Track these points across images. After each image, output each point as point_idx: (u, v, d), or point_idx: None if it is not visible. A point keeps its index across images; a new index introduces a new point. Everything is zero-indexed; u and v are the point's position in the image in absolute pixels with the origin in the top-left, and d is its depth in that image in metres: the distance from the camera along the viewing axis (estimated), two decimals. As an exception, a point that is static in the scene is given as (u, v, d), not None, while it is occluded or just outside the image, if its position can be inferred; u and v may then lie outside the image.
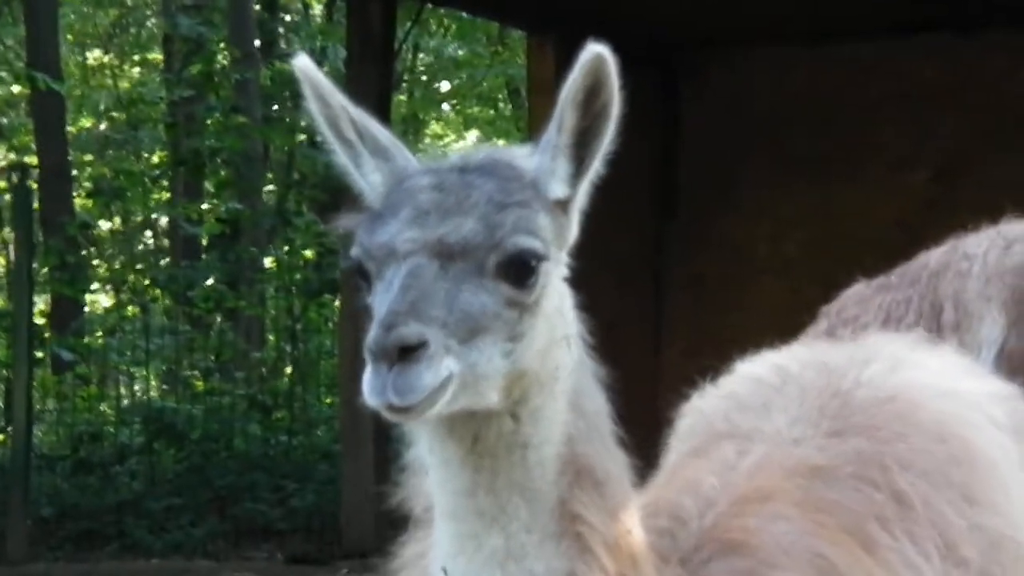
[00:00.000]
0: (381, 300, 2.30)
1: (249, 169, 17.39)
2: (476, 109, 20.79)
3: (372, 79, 11.53)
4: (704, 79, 11.24)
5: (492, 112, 20.93)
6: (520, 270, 2.33)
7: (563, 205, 2.45)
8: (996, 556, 2.83)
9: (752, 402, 3.04)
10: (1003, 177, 9.82)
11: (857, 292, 5.52)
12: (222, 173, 17.68)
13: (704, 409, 3.14)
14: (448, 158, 2.47)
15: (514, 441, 2.37)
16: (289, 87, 17.97)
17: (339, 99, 2.47)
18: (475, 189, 2.36)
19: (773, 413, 2.97)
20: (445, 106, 21.22)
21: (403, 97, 19.47)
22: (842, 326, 5.05)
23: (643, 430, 2.73)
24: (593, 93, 2.41)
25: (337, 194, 15.79)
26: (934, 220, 5.85)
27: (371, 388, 2.24)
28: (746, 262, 11.07)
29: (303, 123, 17.81)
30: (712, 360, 3.31)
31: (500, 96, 20.77)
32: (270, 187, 18.58)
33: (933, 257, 5.35)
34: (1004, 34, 10.51)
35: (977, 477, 2.93)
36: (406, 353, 2.21)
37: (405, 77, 19.46)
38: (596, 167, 2.47)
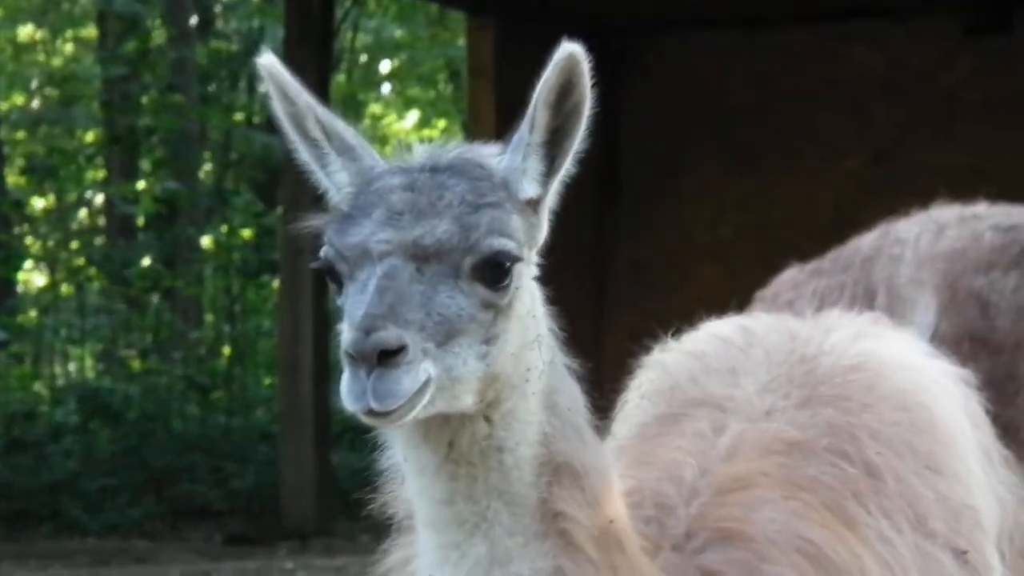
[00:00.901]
0: (355, 302, 2.24)
1: (185, 149, 17.23)
2: (416, 90, 20.72)
3: (311, 59, 11.47)
4: (644, 65, 11.30)
5: (432, 93, 20.87)
6: (495, 272, 2.30)
7: (533, 205, 2.43)
8: (958, 526, 2.88)
9: (719, 364, 3.03)
10: (937, 162, 10.00)
11: (791, 277, 5.57)
12: (158, 152, 17.50)
13: (668, 365, 3.12)
14: (416, 157, 2.42)
15: (489, 445, 2.34)
16: (226, 66, 17.83)
17: (305, 98, 2.43)
18: (447, 190, 2.33)
19: (741, 379, 2.96)
20: (385, 87, 21.14)
21: (342, 77, 19.37)
22: (777, 311, 5.09)
23: (586, 408, 2.73)
24: (565, 92, 2.38)
25: (275, 174, 15.72)
26: (870, 204, 5.94)
27: (350, 393, 2.19)
28: (686, 246, 11.17)
29: (240, 103, 17.68)
30: (652, 343, 3.32)
31: (440, 77, 20.73)
32: (207, 167, 18.41)
33: (865, 242, 5.40)
34: (936, 21, 10.67)
35: (939, 446, 2.97)
36: (385, 357, 2.17)
37: (344, 57, 19.36)
38: (567, 166, 2.44)
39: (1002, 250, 5.08)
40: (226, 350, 15.77)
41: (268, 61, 2.43)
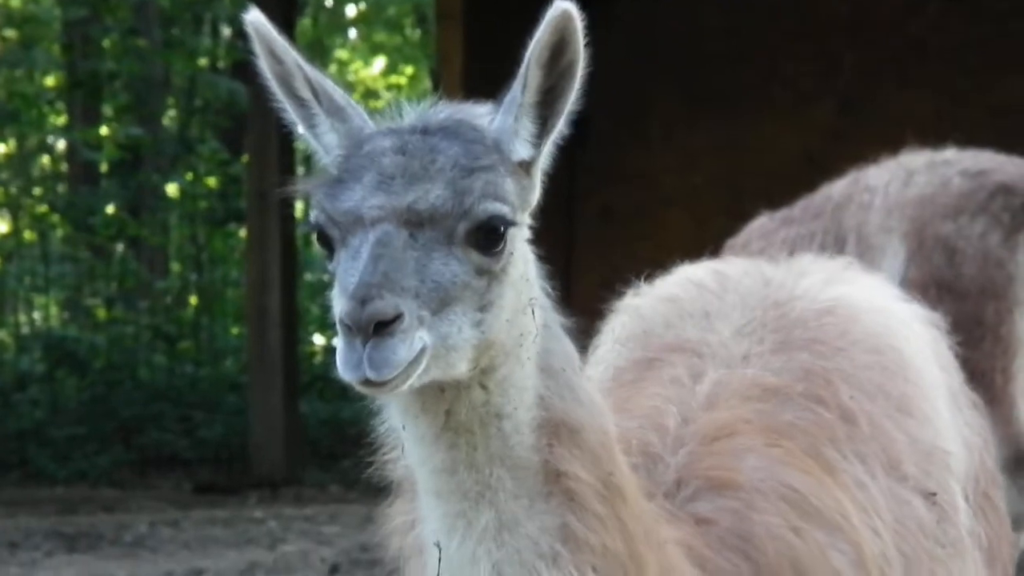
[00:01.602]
0: (348, 269, 2.22)
1: (149, 94, 17.02)
2: (383, 35, 20.53)
3: (276, 3, 11.34)
4: (615, 12, 11.22)
5: (399, 39, 20.69)
6: (489, 237, 2.27)
7: (526, 167, 2.39)
8: (928, 468, 2.91)
9: (693, 308, 3.03)
10: (904, 109, 9.99)
11: (761, 225, 5.58)
12: (121, 98, 17.28)
13: (642, 309, 3.11)
14: (407, 118, 2.38)
15: (487, 412, 2.32)
16: (189, 10, 17.58)
17: (293, 56, 2.38)
18: (440, 153, 2.29)
19: (716, 323, 2.97)
20: (351, 32, 20.94)
21: (308, 22, 19.15)
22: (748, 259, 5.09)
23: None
24: (558, 51, 2.34)
25: (241, 121, 15.56)
26: (839, 152, 5.92)
27: (345, 363, 2.16)
28: (655, 193, 11.15)
29: (204, 47, 17.46)
30: (623, 289, 3.31)
31: (407, 22, 20.54)
32: (172, 113, 18.21)
33: (836, 190, 5.41)
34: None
35: (911, 388, 3.00)
36: (381, 327, 2.14)
37: (310, 1, 19.14)
38: (560, 127, 2.40)
39: (970, 195, 5.10)
40: (193, 299, 15.68)
41: (255, 18, 2.37)
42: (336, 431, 12.82)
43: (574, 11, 2.32)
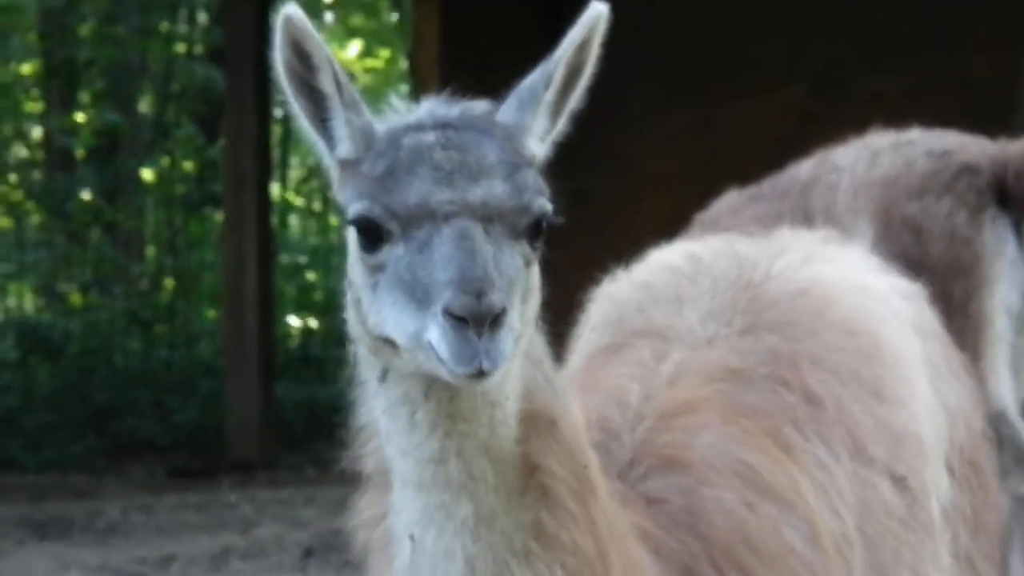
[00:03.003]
0: (419, 262, 2.24)
1: (125, 80, 16.95)
2: (359, 19, 20.48)
3: (253, -12, 11.28)
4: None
5: (376, 22, 20.63)
6: (535, 231, 2.33)
7: (534, 163, 2.44)
8: (899, 452, 2.91)
9: (665, 294, 3.05)
10: (875, 91, 10.05)
11: (730, 201, 5.62)
12: (97, 84, 17.20)
13: (616, 296, 3.13)
14: (421, 113, 2.41)
15: (484, 400, 2.33)
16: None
17: (326, 51, 2.40)
18: (486, 148, 2.34)
19: (685, 307, 2.98)
20: (328, 16, 20.88)
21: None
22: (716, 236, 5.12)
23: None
24: (581, 49, 2.42)
25: (217, 106, 15.51)
26: (812, 134, 5.96)
27: (460, 355, 2.18)
28: (630, 176, 11.17)
29: (181, 34, 17.39)
30: (595, 274, 3.31)
31: (383, 6, 20.49)
32: (148, 99, 18.14)
33: (803, 170, 5.46)
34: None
35: (885, 372, 2.96)
36: (495, 320, 2.18)
37: (286, -14, 19.07)
38: (562, 125, 2.47)
39: (934, 175, 5.15)
40: (169, 283, 15.64)
41: (295, 12, 2.38)
42: (312, 414, 12.81)
43: (606, 14, 2.40)
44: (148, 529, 9.38)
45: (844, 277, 3.16)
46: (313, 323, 15.82)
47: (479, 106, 2.44)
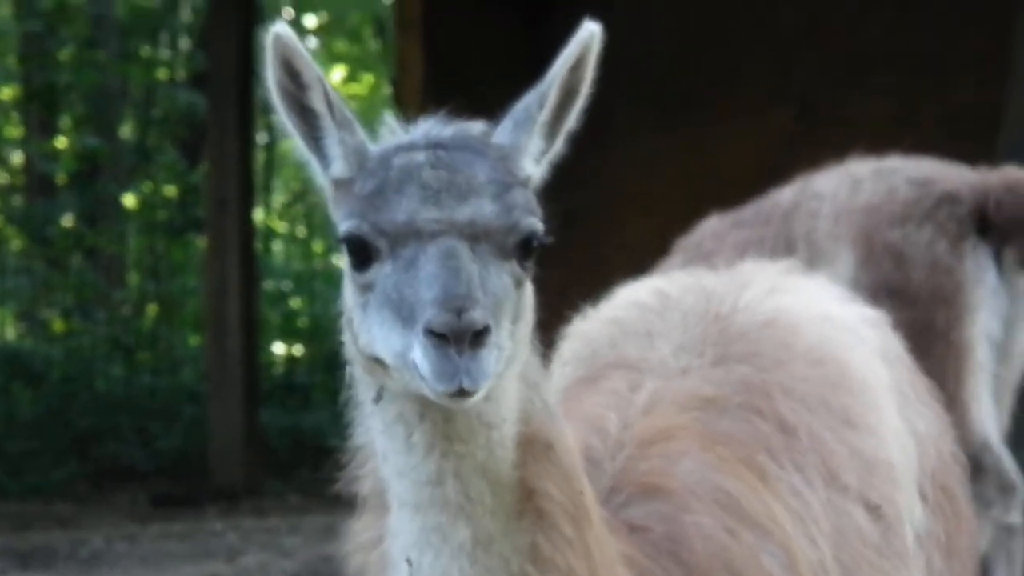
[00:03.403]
0: (404, 280, 2.24)
1: (106, 105, 16.93)
2: (342, 45, 20.51)
3: (236, 13, 11.28)
4: (572, 15, 11.26)
5: (359, 48, 20.67)
6: (525, 250, 2.33)
7: (528, 183, 2.45)
8: (871, 479, 2.92)
9: (636, 328, 3.07)
10: (861, 115, 10.09)
11: (712, 226, 5.63)
12: (78, 109, 17.17)
13: (588, 333, 3.15)
14: (413, 134, 2.42)
15: (480, 422, 2.33)
16: (147, 21, 17.50)
17: (316, 70, 2.42)
18: (477, 168, 2.34)
19: (657, 341, 3.01)
20: (311, 41, 20.91)
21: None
22: (698, 260, 5.13)
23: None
24: (575, 69, 2.43)
25: (199, 131, 15.49)
26: (798, 156, 5.97)
27: (440, 373, 2.17)
28: (615, 198, 11.18)
29: (163, 59, 17.38)
30: (582, 295, 3.33)
31: (367, 32, 20.52)
32: (129, 124, 18.12)
33: (784, 196, 5.48)
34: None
35: (853, 400, 2.98)
36: (475, 338, 2.17)
37: (268, 10, 19.08)
38: (558, 146, 2.47)
39: (916, 203, 5.17)
40: (151, 309, 15.58)
41: (284, 31, 2.40)
42: (296, 441, 12.76)
43: (599, 34, 2.42)
44: (132, 558, 9.30)
45: (809, 307, 3.19)
46: (298, 350, 15.77)
47: (474, 127, 2.44)
